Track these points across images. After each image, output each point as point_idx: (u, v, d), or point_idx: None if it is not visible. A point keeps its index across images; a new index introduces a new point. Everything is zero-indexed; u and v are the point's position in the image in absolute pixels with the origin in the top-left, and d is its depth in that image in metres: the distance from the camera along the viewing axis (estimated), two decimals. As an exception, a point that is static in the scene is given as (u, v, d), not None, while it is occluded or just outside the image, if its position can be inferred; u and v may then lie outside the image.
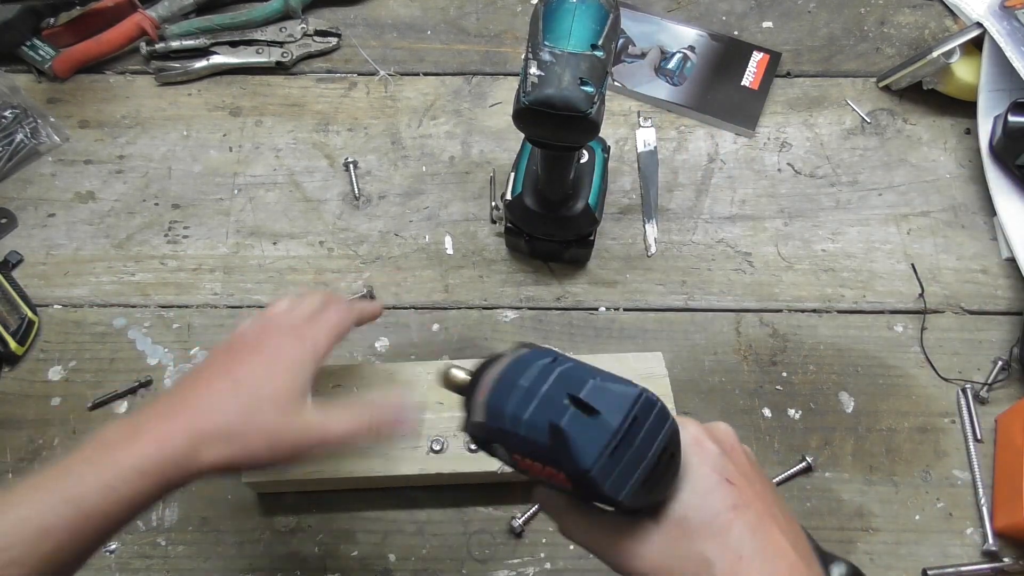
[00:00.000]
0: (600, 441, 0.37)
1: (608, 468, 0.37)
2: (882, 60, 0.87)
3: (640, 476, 0.38)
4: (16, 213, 0.78)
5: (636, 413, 0.38)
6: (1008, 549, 0.64)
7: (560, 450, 0.38)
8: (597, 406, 0.38)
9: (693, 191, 0.80)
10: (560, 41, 0.54)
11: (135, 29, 0.85)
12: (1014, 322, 0.73)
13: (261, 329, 0.53)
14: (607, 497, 0.38)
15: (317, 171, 0.81)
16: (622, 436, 0.38)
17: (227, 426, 0.46)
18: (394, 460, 0.63)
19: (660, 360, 0.67)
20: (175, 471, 0.44)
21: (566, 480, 0.39)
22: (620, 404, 0.38)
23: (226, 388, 0.48)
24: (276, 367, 0.49)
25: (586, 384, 0.39)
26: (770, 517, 0.41)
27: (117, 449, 0.44)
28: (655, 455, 0.39)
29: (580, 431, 0.38)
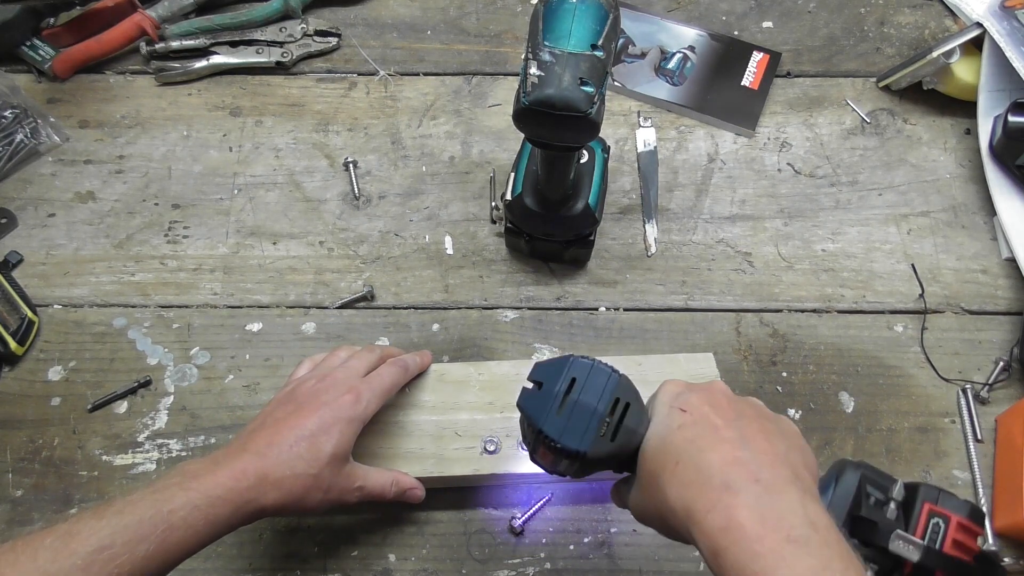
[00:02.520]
0: (545, 404, 0.47)
1: (559, 424, 0.46)
2: (882, 60, 0.87)
3: (595, 427, 0.46)
4: (16, 213, 0.78)
5: (572, 375, 0.47)
6: (1008, 549, 0.64)
7: (528, 425, 0.48)
8: (540, 379, 0.48)
9: (693, 191, 0.80)
10: (560, 41, 0.54)
11: (135, 29, 0.85)
12: (1014, 322, 0.73)
13: (321, 381, 0.58)
14: (571, 451, 0.46)
15: (317, 171, 0.81)
16: (563, 395, 0.47)
17: (288, 476, 0.53)
18: (448, 461, 0.63)
19: (711, 361, 0.67)
20: (245, 505, 0.51)
21: (548, 452, 0.47)
22: (556, 372, 0.47)
23: (290, 441, 0.54)
24: (334, 426, 0.55)
25: (534, 368, 0.49)
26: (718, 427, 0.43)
27: (200, 478, 0.51)
28: (604, 405, 0.46)
29: (532, 403, 0.47)
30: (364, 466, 0.59)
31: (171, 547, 0.48)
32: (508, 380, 0.66)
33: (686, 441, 0.44)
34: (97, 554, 0.45)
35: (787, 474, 0.41)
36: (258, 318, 0.74)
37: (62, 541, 0.46)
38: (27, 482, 0.67)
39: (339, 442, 0.55)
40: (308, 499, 0.54)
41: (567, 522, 0.66)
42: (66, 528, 0.47)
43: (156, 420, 0.69)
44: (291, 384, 0.60)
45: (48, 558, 0.45)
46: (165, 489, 0.49)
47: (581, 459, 0.46)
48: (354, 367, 0.60)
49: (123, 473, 0.68)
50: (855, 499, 0.50)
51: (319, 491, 0.54)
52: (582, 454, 0.46)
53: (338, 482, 0.55)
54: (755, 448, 0.42)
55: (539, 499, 0.66)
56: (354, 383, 0.58)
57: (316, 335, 0.73)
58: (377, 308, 0.75)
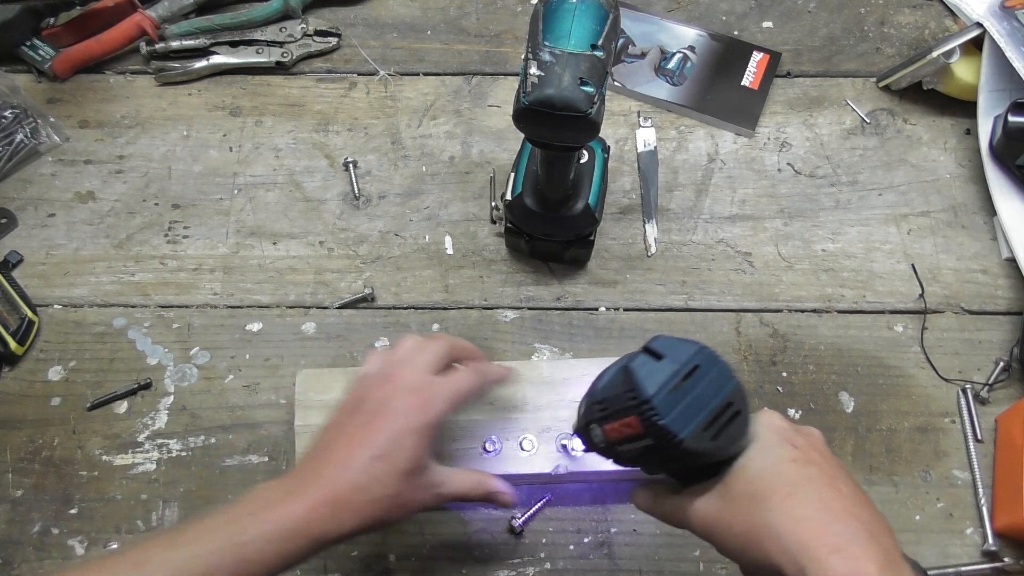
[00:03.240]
0: (662, 377, 0.43)
1: (670, 402, 0.43)
2: (882, 60, 0.87)
3: (703, 419, 0.43)
4: (16, 213, 0.78)
5: (698, 362, 0.44)
6: (1008, 549, 0.64)
7: (630, 389, 0.44)
8: (662, 352, 0.45)
9: (693, 191, 0.80)
10: (560, 41, 0.54)
11: (135, 29, 0.85)
12: (1014, 322, 0.73)
13: (387, 382, 0.54)
14: (669, 432, 0.43)
15: (317, 171, 0.81)
16: (683, 377, 0.44)
17: (365, 502, 0.50)
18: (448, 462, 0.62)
19: None
20: (321, 536, 0.49)
21: (638, 425, 0.44)
22: (683, 352, 0.44)
23: (364, 463, 0.51)
24: (407, 439, 0.52)
25: (657, 339, 0.46)
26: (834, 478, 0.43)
27: (273, 509, 0.49)
28: (718, 404, 0.44)
29: (646, 370, 0.44)
30: (445, 469, 0.55)
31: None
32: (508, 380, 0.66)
33: (803, 478, 0.43)
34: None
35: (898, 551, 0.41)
36: (258, 318, 0.74)
37: (133, 571, 0.45)
38: (27, 482, 0.67)
39: (413, 455, 0.52)
40: (389, 518, 0.52)
41: (567, 522, 0.66)
42: (137, 556, 0.46)
43: (156, 420, 0.69)
44: (357, 388, 0.56)
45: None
46: (238, 520, 0.48)
47: (672, 445, 0.43)
48: (422, 364, 0.55)
49: (123, 473, 0.68)
50: None
51: (398, 509, 0.52)
52: (678, 441, 0.43)
53: (416, 495, 0.53)
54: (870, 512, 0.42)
55: (539, 499, 0.66)
56: (423, 385, 0.54)
57: (316, 335, 0.73)
58: (377, 308, 0.75)
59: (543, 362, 0.71)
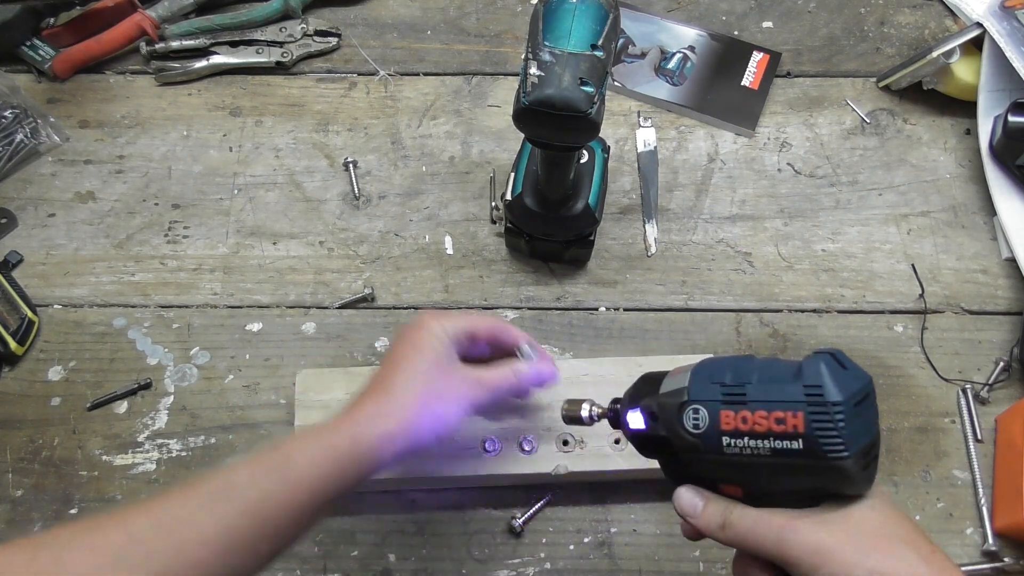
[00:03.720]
0: (851, 387, 0.41)
1: (851, 415, 0.40)
2: (882, 60, 0.87)
3: (866, 445, 0.41)
4: (16, 213, 0.78)
5: (870, 391, 0.42)
6: (1008, 549, 0.64)
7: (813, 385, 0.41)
8: (847, 364, 0.42)
9: (693, 191, 0.80)
10: (560, 41, 0.54)
11: (135, 29, 0.85)
12: (1014, 322, 0.73)
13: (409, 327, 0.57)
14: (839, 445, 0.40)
15: (317, 171, 0.81)
16: (863, 396, 0.42)
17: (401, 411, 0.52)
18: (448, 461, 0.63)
19: None
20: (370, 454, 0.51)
21: (802, 423, 0.41)
22: (862, 374, 0.43)
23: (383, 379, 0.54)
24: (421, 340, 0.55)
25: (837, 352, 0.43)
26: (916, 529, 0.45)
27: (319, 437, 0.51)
28: (875, 438, 0.43)
29: (835, 374, 0.41)
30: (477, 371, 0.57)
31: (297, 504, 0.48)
32: None
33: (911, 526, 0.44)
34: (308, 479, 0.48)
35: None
36: (258, 318, 0.74)
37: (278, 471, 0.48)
38: (27, 482, 0.67)
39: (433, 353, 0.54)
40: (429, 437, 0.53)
41: (567, 522, 0.66)
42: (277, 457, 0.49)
43: (156, 420, 0.69)
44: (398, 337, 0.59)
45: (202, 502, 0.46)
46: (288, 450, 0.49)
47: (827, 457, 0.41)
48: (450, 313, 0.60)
49: (123, 473, 0.68)
50: None
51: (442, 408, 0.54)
52: (842, 455, 0.40)
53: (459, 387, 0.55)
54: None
55: (539, 499, 0.66)
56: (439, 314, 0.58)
57: (316, 335, 0.73)
58: (377, 308, 0.75)
59: (543, 362, 0.71)
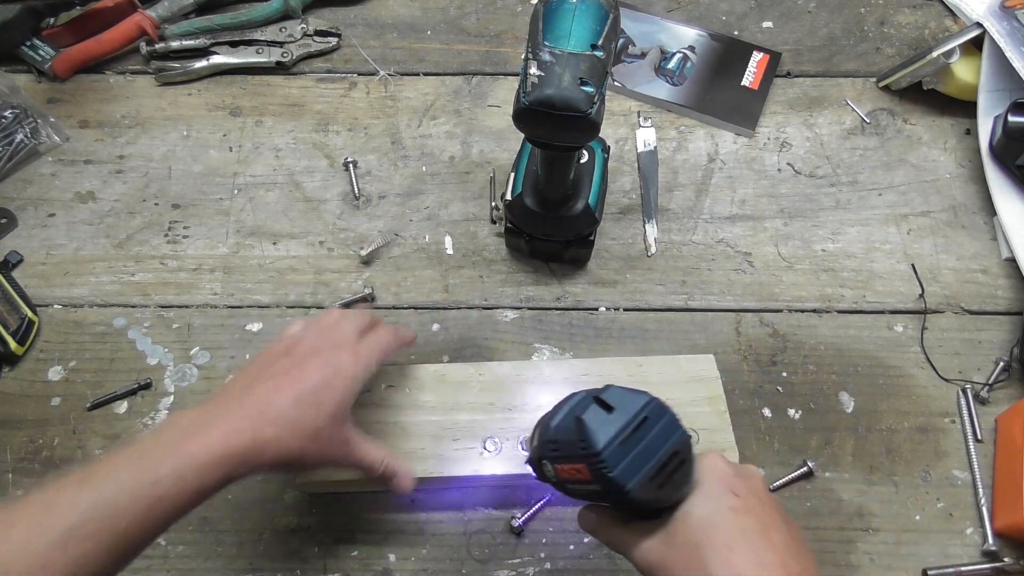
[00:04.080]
0: (612, 429, 0.45)
1: (619, 455, 0.44)
2: (882, 60, 0.87)
3: (649, 470, 0.45)
4: (16, 213, 0.78)
5: (647, 414, 0.45)
6: (1008, 549, 0.64)
7: (580, 439, 0.45)
8: (613, 404, 0.46)
9: (693, 191, 0.80)
10: (560, 41, 0.54)
11: (135, 29, 0.86)
12: (1014, 322, 0.73)
13: (318, 338, 0.56)
14: (617, 484, 0.44)
15: (317, 171, 0.81)
16: (632, 429, 0.45)
17: (288, 431, 0.50)
18: (448, 461, 0.63)
19: (711, 362, 0.67)
20: (239, 466, 0.48)
21: (587, 472, 0.45)
22: (633, 404, 0.46)
23: (290, 394, 0.52)
24: (335, 380, 0.53)
25: (608, 389, 0.47)
26: (768, 528, 0.45)
27: (190, 440, 0.48)
28: (665, 455, 0.45)
29: (597, 422, 0.45)
30: (363, 435, 0.56)
31: (156, 518, 0.45)
32: (508, 380, 0.66)
33: (740, 529, 0.45)
34: (76, 530, 0.43)
35: None
36: (258, 318, 0.74)
37: (39, 517, 0.43)
38: (27, 482, 0.67)
39: (341, 400, 0.53)
40: (305, 458, 0.52)
41: (567, 522, 0.66)
42: (45, 500, 0.44)
43: (156, 420, 0.69)
44: (285, 340, 0.57)
45: (24, 534, 0.42)
46: (152, 453, 0.47)
47: (620, 494, 0.45)
48: (349, 328, 0.58)
49: (123, 473, 0.67)
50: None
51: (316, 450, 0.52)
52: (626, 491, 0.44)
53: (335, 442, 0.53)
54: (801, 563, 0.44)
55: (539, 499, 0.66)
56: (353, 341, 0.56)
57: (316, 335, 0.73)
58: (377, 308, 0.75)
59: (543, 362, 0.71)
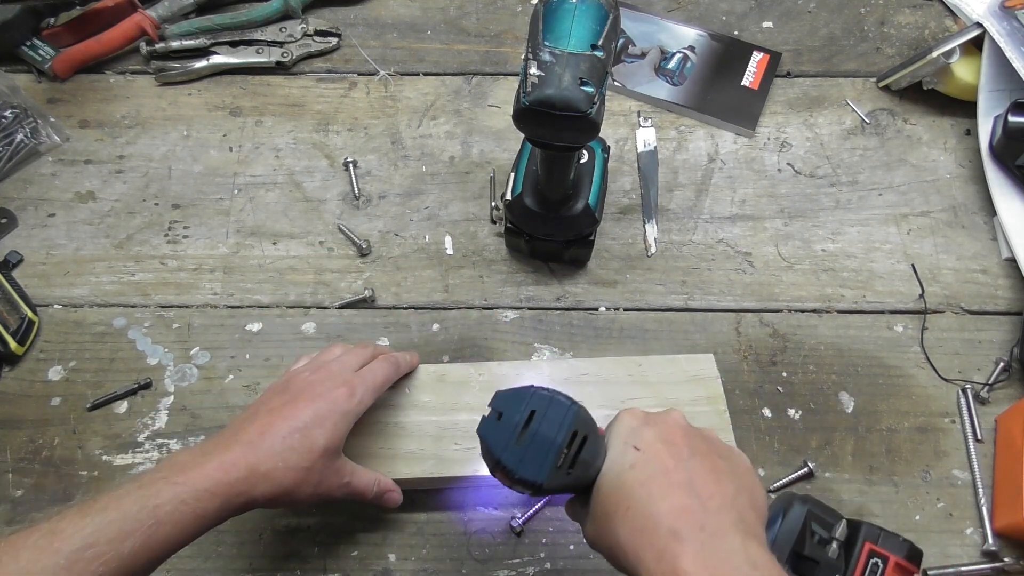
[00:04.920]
0: (504, 434, 0.47)
1: (517, 455, 0.46)
2: (882, 60, 0.87)
3: (551, 460, 0.46)
4: (16, 213, 0.78)
5: (532, 407, 0.47)
6: (1008, 549, 0.64)
7: (487, 453, 0.48)
8: (500, 409, 0.48)
9: (693, 191, 0.80)
10: (560, 41, 0.54)
11: (135, 29, 0.86)
12: (1014, 322, 0.73)
13: (315, 373, 0.58)
14: (528, 482, 0.46)
15: (317, 171, 0.81)
16: (522, 426, 0.47)
17: (279, 467, 0.52)
18: (448, 462, 0.63)
19: (711, 361, 0.67)
20: (234, 498, 0.50)
21: (506, 479, 0.47)
22: (517, 403, 0.48)
23: (284, 432, 0.53)
24: (328, 419, 0.55)
25: (495, 397, 0.49)
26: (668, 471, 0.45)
27: (188, 471, 0.50)
28: (563, 439, 0.47)
29: (491, 432, 0.48)
30: (352, 463, 0.58)
31: (158, 543, 0.47)
32: (508, 380, 0.66)
33: (638, 484, 0.45)
34: (81, 552, 0.45)
35: (732, 517, 0.43)
36: (258, 318, 0.74)
37: (46, 540, 0.45)
38: (27, 482, 0.67)
39: (332, 435, 0.55)
40: (298, 492, 0.53)
41: (567, 522, 0.66)
42: (50, 526, 0.46)
43: (156, 420, 0.69)
44: (286, 376, 0.60)
45: (30, 558, 0.44)
46: (152, 484, 0.49)
47: (537, 489, 0.47)
48: (348, 362, 0.60)
49: (123, 473, 0.67)
50: (799, 537, 0.53)
51: (310, 484, 0.54)
52: (538, 485, 0.46)
53: (328, 476, 0.55)
54: (703, 492, 0.44)
55: (539, 499, 0.66)
56: (348, 377, 0.58)
57: (316, 335, 0.73)
58: (377, 308, 0.75)
59: (543, 362, 0.71)
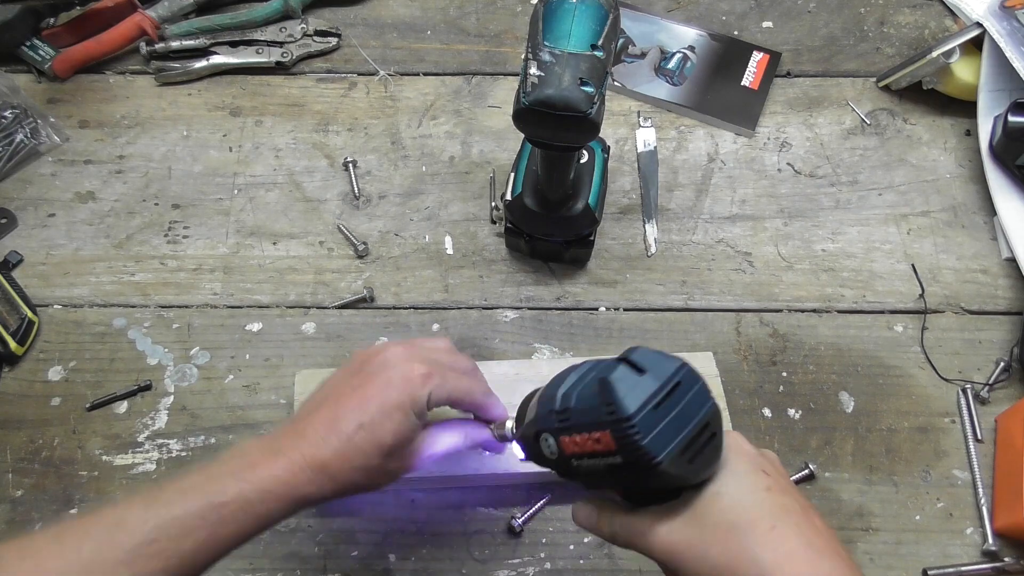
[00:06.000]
0: (644, 393, 0.40)
1: (651, 422, 0.40)
2: (882, 60, 0.87)
3: (681, 441, 0.40)
4: (16, 213, 0.78)
5: (680, 379, 0.41)
6: (1008, 549, 0.64)
7: (607, 403, 0.40)
8: (644, 366, 0.41)
9: (693, 191, 0.80)
10: (560, 41, 0.54)
11: (135, 29, 0.85)
12: (1014, 322, 0.73)
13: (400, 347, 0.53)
14: (647, 454, 0.39)
15: (317, 171, 0.81)
16: (665, 394, 0.40)
17: (346, 469, 0.49)
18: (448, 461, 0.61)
19: (710, 360, 0.68)
20: (300, 500, 0.48)
21: (611, 441, 0.40)
22: (666, 367, 0.41)
23: (350, 430, 0.49)
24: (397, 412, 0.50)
25: (637, 350, 0.42)
26: (807, 509, 0.43)
27: (258, 468, 0.48)
28: (697, 426, 0.41)
29: (627, 384, 0.40)
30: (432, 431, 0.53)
31: (219, 541, 0.46)
32: (508, 380, 0.66)
33: (782, 509, 0.42)
34: (143, 548, 0.44)
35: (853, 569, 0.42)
36: (258, 318, 0.74)
37: (109, 532, 0.44)
38: (27, 482, 0.67)
39: (398, 431, 0.50)
40: (367, 486, 0.51)
41: (567, 522, 0.66)
42: (115, 517, 0.45)
43: (156, 420, 0.69)
44: (374, 348, 0.54)
45: (93, 549, 0.44)
46: (219, 479, 0.47)
47: (647, 467, 0.40)
48: (442, 347, 0.55)
49: (123, 473, 0.67)
50: None
51: (378, 478, 0.51)
52: (656, 463, 0.39)
53: (400, 466, 0.52)
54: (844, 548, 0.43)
55: (539, 499, 0.66)
56: (431, 361, 0.52)
57: (316, 335, 0.73)
58: (377, 308, 0.75)
59: (543, 362, 0.71)
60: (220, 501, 0.46)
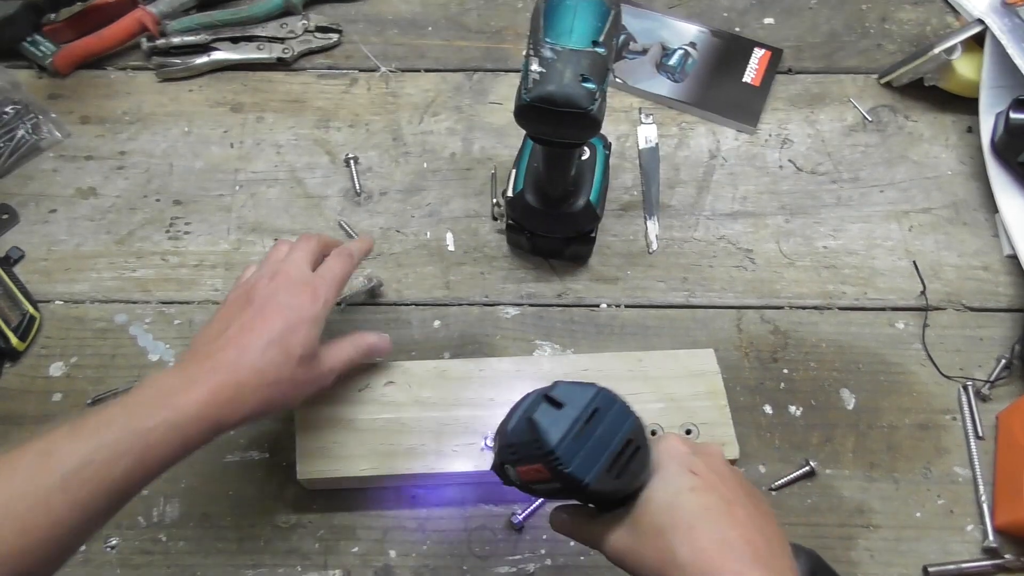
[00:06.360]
0: (564, 425, 0.45)
1: (573, 449, 0.45)
2: (884, 56, 0.87)
3: (605, 461, 0.45)
4: (17, 209, 0.78)
5: (596, 405, 0.46)
6: (1009, 546, 0.64)
7: (535, 439, 0.46)
8: (562, 400, 0.46)
9: (694, 188, 0.80)
10: (561, 38, 0.54)
11: (136, 25, 0.85)
12: (1016, 319, 0.73)
13: (273, 279, 0.58)
14: (574, 479, 0.45)
15: (318, 167, 0.81)
16: (584, 422, 0.45)
17: (263, 384, 0.53)
18: (449, 458, 0.63)
19: (712, 356, 0.67)
20: (225, 419, 0.51)
21: (546, 471, 0.46)
22: (581, 398, 0.46)
23: (261, 347, 0.53)
24: (300, 327, 0.55)
25: (556, 386, 0.47)
26: (731, 503, 0.45)
27: (176, 396, 0.50)
28: (619, 443, 0.46)
29: (548, 420, 0.46)
30: (328, 348, 0.59)
31: (148, 466, 0.48)
32: (509, 376, 0.67)
33: (702, 508, 0.45)
34: (75, 473, 0.45)
35: (788, 564, 0.44)
36: (259, 314, 0.74)
37: (39, 460, 0.45)
38: (29, 478, 0.67)
39: (306, 341, 0.55)
40: (285, 402, 0.55)
41: (568, 518, 0.66)
42: (42, 446, 0.46)
43: (157, 416, 0.69)
44: (241, 287, 0.59)
45: (25, 478, 0.45)
46: (141, 407, 0.49)
47: (579, 488, 0.45)
48: (300, 260, 0.59)
49: (124, 469, 0.68)
50: None
51: (293, 391, 0.55)
52: (584, 485, 0.45)
53: (311, 378, 0.56)
54: (766, 535, 0.44)
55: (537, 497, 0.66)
56: (308, 278, 0.58)
57: (317, 331, 0.73)
58: (378, 304, 0.75)
59: (544, 358, 0.71)
60: (146, 427, 0.48)
